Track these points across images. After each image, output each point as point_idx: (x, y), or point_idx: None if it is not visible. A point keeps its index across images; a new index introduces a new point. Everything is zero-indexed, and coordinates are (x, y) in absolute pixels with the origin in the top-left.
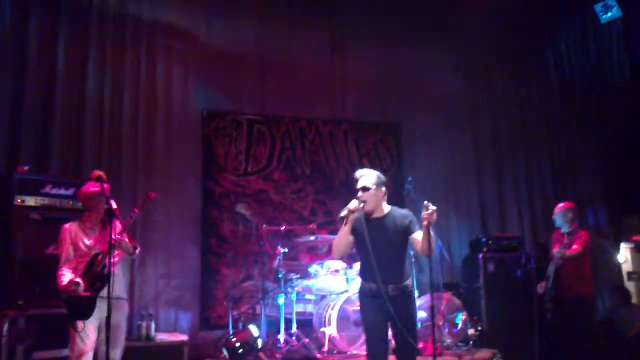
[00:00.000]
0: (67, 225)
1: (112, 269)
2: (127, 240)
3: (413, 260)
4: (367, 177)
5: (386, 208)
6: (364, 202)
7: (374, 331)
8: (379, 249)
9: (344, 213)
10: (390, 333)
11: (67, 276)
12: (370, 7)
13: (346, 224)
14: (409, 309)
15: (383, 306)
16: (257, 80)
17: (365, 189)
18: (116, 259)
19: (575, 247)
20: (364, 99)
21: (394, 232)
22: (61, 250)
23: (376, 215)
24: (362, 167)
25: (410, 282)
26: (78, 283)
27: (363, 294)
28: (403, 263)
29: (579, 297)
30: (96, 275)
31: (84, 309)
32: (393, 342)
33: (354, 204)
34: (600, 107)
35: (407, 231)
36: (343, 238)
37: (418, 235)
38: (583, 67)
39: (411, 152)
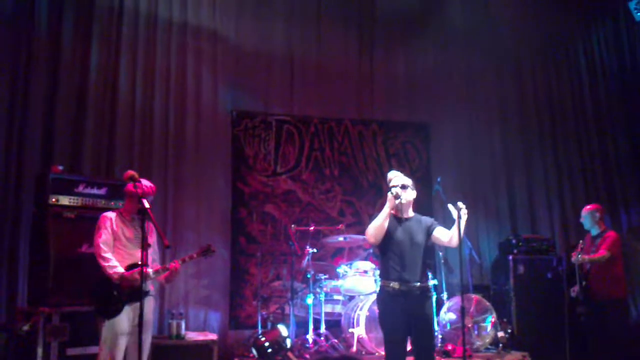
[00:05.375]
0: (106, 213)
1: (144, 270)
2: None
3: (442, 261)
4: (405, 178)
5: (411, 212)
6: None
7: (394, 332)
8: (404, 248)
9: (396, 190)
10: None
11: (114, 261)
12: (400, 7)
13: (390, 206)
14: (427, 309)
15: (403, 305)
16: (286, 81)
17: (404, 187)
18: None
19: (602, 251)
20: (392, 99)
21: (418, 232)
22: (98, 235)
23: (404, 215)
24: (391, 167)
25: (429, 284)
26: (147, 275)
27: (383, 294)
28: (424, 264)
29: (611, 299)
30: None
31: (116, 303)
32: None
33: (397, 189)
34: (633, 106)
35: (429, 230)
36: (384, 220)
37: (441, 230)
38: (615, 64)
39: (440, 152)
